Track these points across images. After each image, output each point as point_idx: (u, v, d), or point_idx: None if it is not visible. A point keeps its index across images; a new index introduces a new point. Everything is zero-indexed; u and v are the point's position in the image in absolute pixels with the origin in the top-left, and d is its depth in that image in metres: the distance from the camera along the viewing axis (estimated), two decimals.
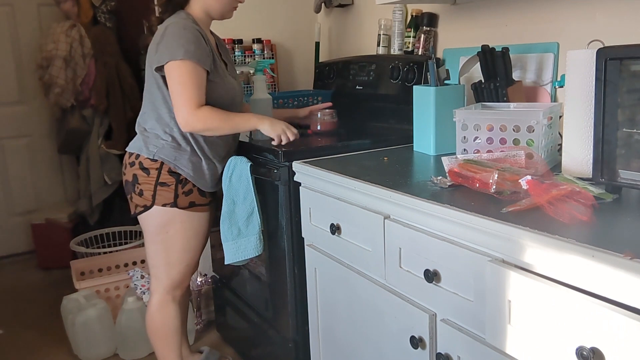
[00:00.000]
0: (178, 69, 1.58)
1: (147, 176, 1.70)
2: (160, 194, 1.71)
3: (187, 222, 1.76)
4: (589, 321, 0.82)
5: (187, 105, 1.59)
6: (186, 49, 1.57)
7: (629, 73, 1.01)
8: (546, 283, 0.89)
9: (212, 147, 1.74)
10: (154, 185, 1.70)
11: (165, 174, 1.70)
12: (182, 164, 1.70)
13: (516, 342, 0.96)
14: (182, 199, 1.73)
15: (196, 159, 1.72)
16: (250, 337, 2.14)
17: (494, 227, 0.98)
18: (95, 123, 3.38)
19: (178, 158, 1.70)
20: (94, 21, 3.37)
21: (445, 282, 1.13)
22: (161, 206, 1.71)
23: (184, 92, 1.58)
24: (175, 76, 1.59)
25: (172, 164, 1.70)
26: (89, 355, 2.32)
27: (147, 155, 1.70)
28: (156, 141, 1.70)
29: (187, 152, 1.70)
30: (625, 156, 1.03)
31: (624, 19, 1.45)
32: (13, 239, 3.60)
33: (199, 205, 1.77)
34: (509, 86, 1.60)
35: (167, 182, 1.70)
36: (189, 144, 1.70)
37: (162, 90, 1.67)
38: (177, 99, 1.60)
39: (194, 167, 1.72)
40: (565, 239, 0.86)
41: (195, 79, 1.59)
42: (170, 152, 1.70)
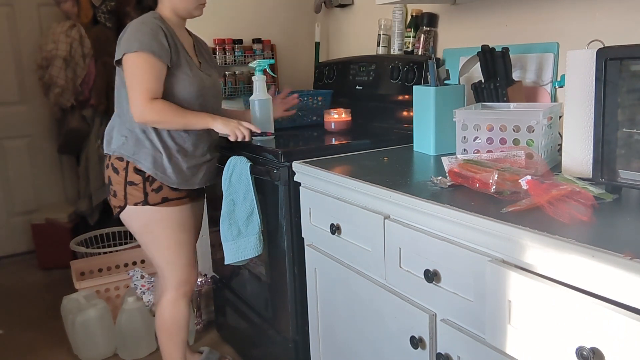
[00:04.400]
0: (132, 61, 1.59)
1: (117, 176, 1.71)
2: (131, 194, 1.71)
3: (167, 218, 1.75)
4: (589, 321, 0.82)
5: (140, 97, 1.59)
6: (141, 42, 1.59)
7: (629, 73, 1.01)
8: (546, 283, 0.89)
9: (176, 141, 1.72)
10: (124, 185, 1.71)
11: (132, 172, 1.70)
12: (141, 158, 1.69)
13: (516, 342, 0.96)
14: (153, 196, 1.71)
15: (156, 154, 1.70)
16: (250, 337, 2.14)
17: (494, 227, 0.98)
18: (95, 123, 3.38)
19: (137, 153, 1.69)
20: (94, 21, 3.37)
21: (445, 282, 1.13)
22: (134, 205, 1.71)
23: (138, 84, 1.59)
24: (130, 68, 1.60)
25: (131, 159, 1.69)
26: (89, 355, 2.32)
27: (109, 151, 1.72)
28: (118, 138, 1.72)
29: (146, 147, 1.69)
30: (625, 156, 1.03)
31: (624, 19, 1.45)
32: (13, 239, 3.60)
33: (174, 199, 1.75)
34: (509, 86, 1.60)
35: (134, 181, 1.70)
36: (148, 138, 1.69)
37: (124, 86, 1.67)
38: (131, 90, 1.61)
39: (154, 162, 1.69)
40: (565, 239, 0.86)
41: (151, 71, 1.60)
42: (130, 148, 1.69)
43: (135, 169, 1.69)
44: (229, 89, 2.47)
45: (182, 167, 1.74)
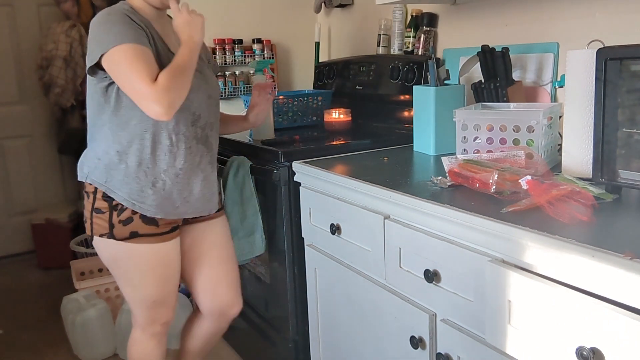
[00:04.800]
0: (113, 58, 1.31)
1: (87, 200, 1.48)
2: (96, 223, 1.45)
3: (135, 256, 1.47)
4: (589, 321, 0.82)
5: (143, 85, 1.28)
6: (114, 34, 1.31)
7: (629, 73, 1.01)
8: (546, 283, 0.89)
9: (160, 157, 1.43)
10: (90, 212, 1.46)
11: (99, 198, 1.44)
12: (114, 185, 1.42)
13: (516, 342, 0.96)
14: (120, 229, 1.43)
15: (133, 178, 1.42)
16: (250, 337, 2.14)
17: (494, 227, 0.98)
18: None
19: (109, 179, 1.42)
20: None
21: (445, 282, 1.13)
22: (99, 237, 1.46)
23: (134, 75, 1.29)
24: (115, 66, 1.32)
25: (103, 187, 1.43)
26: (89, 355, 2.32)
27: (81, 177, 1.49)
28: (90, 160, 1.48)
29: (120, 170, 1.42)
30: (625, 156, 1.03)
31: (624, 19, 1.45)
32: (13, 239, 3.60)
33: (145, 235, 1.45)
34: (509, 86, 1.60)
35: (101, 209, 1.44)
36: (124, 161, 1.42)
37: (96, 95, 1.42)
38: (130, 86, 1.31)
39: (129, 188, 1.42)
40: (565, 239, 0.86)
41: (140, 57, 1.31)
42: (101, 173, 1.43)
43: (104, 194, 1.44)
44: (229, 89, 2.47)
45: (171, 190, 1.45)
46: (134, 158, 1.41)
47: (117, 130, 1.41)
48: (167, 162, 1.43)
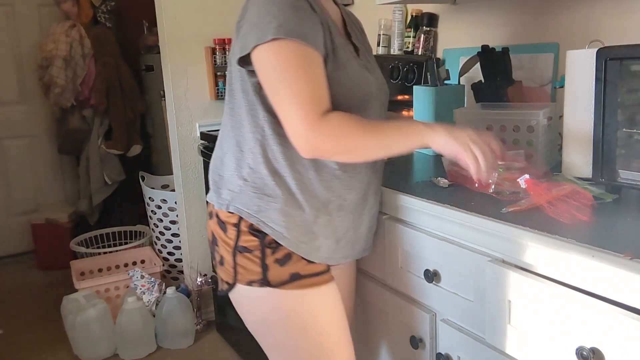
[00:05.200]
0: (273, 56, 0.97)
1: (225, 234, 1.09)
2: (242, 266, 1.07)
3: (298, 306, 1.08)
4: (589, 321, 0.82)
5: (302, 114, 0.95)
6: (280, 22, 0.95)
7: (629, 73, 1.01)
8: (546, 283, 0.89)
9: (330, 186, 1.07)
10: (233, 251, 1.08)
11: (245, 232, 1.07)
12: (269, 218, 1.05)
13: (516, 342, 0.96)
14: (276, 270, 1.06)
15: (296, 210, 1.06)
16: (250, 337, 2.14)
17: (494, 227, 0.98)
18: (95, 123, 3.38)
19: (263, 208, 1.05)
20: (94, 21, 3.38)
21: (445, 282, 1.13)
22: (246, 285, 1.08)
23: (292, 93, 0.95)
24: (271, 68, 0.98)
25: (253, 218, 1.06)
26: (89, 355, 2.32)
27: (219, 205, 1.10)
28: (232, 182, 1.09)
29: (278, 199, 1.05)
30: (625, 156, 1.03)
31: (624, 19, 1.45)
32: (13, 239, 3.60)
33: (310, 276, 1.08)
34: (509, 86, 1.60)
35: (248, 247, 1.07)
36: (283, 185, 1.05)
37: (247, 96, 1.05)
38: (283, 106, 0.98)
39: (288, 222, 1.06)
40: (565, 239, 0.86)
41: (307, 67, 0.96)
42: (251, 199, 1.06)
43: (252, 227, 1.07)
44: None
45: (343, 226, 1.11)
46: (293, 180, 1.06)
47: (273, 142, 1.04)
48: (334, 187, 1.07)
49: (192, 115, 2.43)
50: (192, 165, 2.47)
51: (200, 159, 2.40)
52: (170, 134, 2.47)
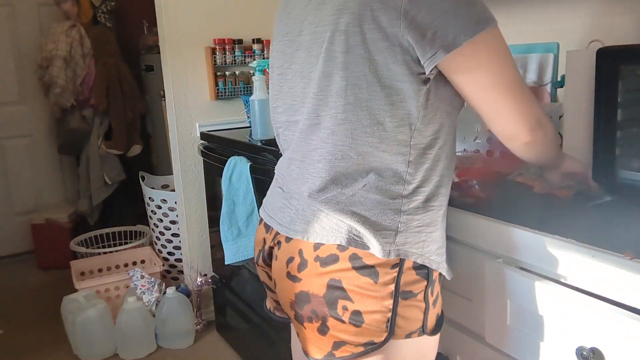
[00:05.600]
0: (491, 49, 0.84)
1: (375, 283, 0.88)
2: (404, 317, 0.90)
3: (429, 354, 0.99)
4: (589, 321, 0.82)
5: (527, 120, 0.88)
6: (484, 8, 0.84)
7: (629, 73, 1.01)
8: (546, 283, 0.89)
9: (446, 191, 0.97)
10: (394, 298, 0.89)
11: (410, 273, 0.90)
12: (431, 250, 0.92)
13: (516, 342, 0.96)
14: (432, 314, 0.94)
15: (442, 231, 0.96)
16: (250, 337, 2.14)
17: (494, 227, 0.98)
18: (95, 123, 3.38)
19: (427, 242, 0.92)
20: (94, 21, 3.38)
21: (445, 282, 1.13)
22: (404, 339, 0.91)
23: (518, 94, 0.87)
24: (489, 64, 0.85)
25: (422, 258, 0.91)
26: (89, 355, 2.32)
27: (379, 251, 0.87)
28: (389, 216, 0.89)
29: (436, 225, 0.93)
30: (625, 156, 1.03)
31: (624, 19, 1.45)
32: (13, 239, 3.60)
33: (443, 317, 1.01)
34: None
35: (413, 290, 0.91)
36: (435, 208, 0.93)
37: (412, 98, 0.86)
38: (506, 107, 0.87)
39: (441, 248, 0.95)
40: (565, 239, 0.86)
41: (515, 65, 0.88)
42: (416, 235, 0.90)
43: (416, 263, 0.91)
44: (229, 89, 2.47)
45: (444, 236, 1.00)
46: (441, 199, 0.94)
47: (423, 159, 0.90)
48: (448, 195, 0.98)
49: (192, 115, 2.43)
50: (192, 165, 2.47)
51: (200, 159, 2.40)
52: (170, 134, 2.47)
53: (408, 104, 0.86)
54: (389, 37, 0.83)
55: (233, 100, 2.50)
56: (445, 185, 0.94)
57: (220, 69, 2.46)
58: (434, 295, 0.94)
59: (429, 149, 0.89)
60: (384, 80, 0.85)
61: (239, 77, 2.53)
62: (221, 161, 1.89)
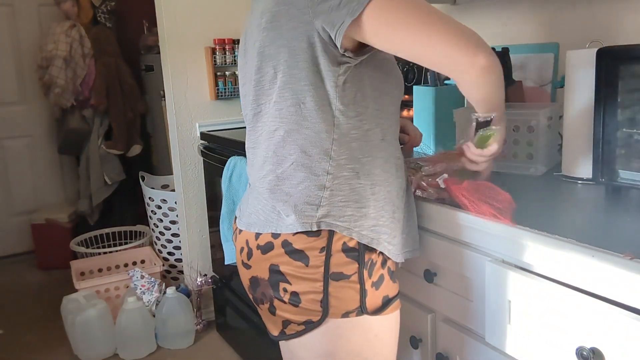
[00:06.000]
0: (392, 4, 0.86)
1: (306, 267, 0.94)
2: (337, 297, 0.95)
3: (381, 334, 1.01)
4: (589, 321, 0.82)
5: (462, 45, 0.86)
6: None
7: (629, 73, 1.01)
8: (546, 283, 0.89)
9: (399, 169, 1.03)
10: (323, 280, 0.94)
11: (339, 255, 0.94)
12: (363, 226, 0.96)
13: (516, 342, 0.96)
14: (373, 295, 0.98)
15: (383, 210, 0.98)
16: (250, 337, 2.14)
17: (493, 227, 0.98)
18: (95, 123, 3.38)
19: (357, 217, 0.95)
20: (94, 21, 3.38)
21: (445, 282, 1.13)
22: (340, 318, 0.96)
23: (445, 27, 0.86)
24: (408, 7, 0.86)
25: (351, 232, 0.95)
26: (89, 355, 2.32)
27: (301, 225, 0.93)
28: (308, 196, 0.94)
29: (368, 201, 0.96)
30: (625, 156, 1.03)
31: (624, 19, 1.45)
32: (13, 239, 3.60)
33: (395, 298, 1.03)
34: (509, 86, 1.60)
35: (344, 272, 0.95)
36: (369, 184, 0.96)
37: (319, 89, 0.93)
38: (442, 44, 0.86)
39: (379, 227, 0.97)
40: (565, 239, 0.86)
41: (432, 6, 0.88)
42: (341, 210, 0.94)
43: (346, 246, 0.95)
44: (229, 89, 2.47)
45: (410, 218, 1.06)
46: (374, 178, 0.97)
47: (351, 138, 0.95)
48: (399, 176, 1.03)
49: (192, 115, 2.43)
50: (192, 165, 2.47)
51: (200, 159, 2.40)
52: (170, 134, 2.47)
53: (326, 84, 0.93)
54: (304, 23, 0.90)
55: (233, 100, 2.50)
56: (380, 166, 0.98)
57: (220, 69, 2.46)
58: (373, 278, 0.97)
59: (355, 129, 0.95)
60: (302, 62, 0.92)
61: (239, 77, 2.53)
62: (221, 161, 1.89)
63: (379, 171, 0.97)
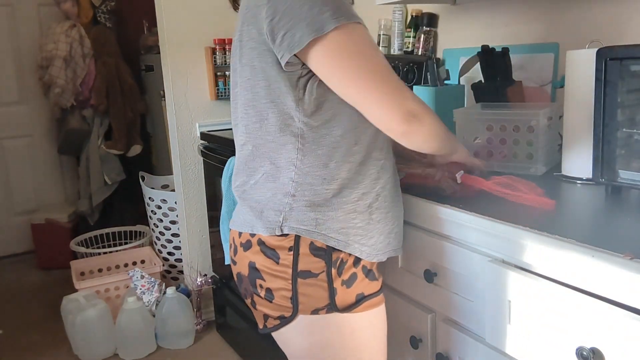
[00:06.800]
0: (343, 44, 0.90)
1: (276, 263, 1.00)
2: (305, 294, 1.00)
3: (359, 331, 1.04)
4: (589, 321, 0.82)
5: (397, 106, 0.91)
6: (335, 9, 0.89)
7: (629, 73, 1.01)
8: (546, 283, 0.89)
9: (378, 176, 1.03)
10: (292, 278, 0.99)
11: (306, 254, 0.99)
12: (330, 229, 0.99)
13: (516, 342, 0.96)
14: (344, 293, 1.01)
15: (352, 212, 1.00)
16: (250, 337, 2.14)
17: (493, 227, 0.98)
18: (95, 123, 3.38)
19: (321, 221, 0.98)
20: (94, 21, 3.38)
21: (445, 282, 1.13)
22: (310, 314, 1.01)
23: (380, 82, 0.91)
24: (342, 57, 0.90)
25: (315, 234, 0.98)
26: (89, 355, 2.32)
27: (265, 230, 1.00)
28: (276, 202, 0.99)
29: (334, 205, 0.99)
30: (625, 156, 1.03)
31: (624, 19, 1.45)
32: (13, 239, 3.60)
33: (372, 296, 1.05)
34: (509, 86, 1.60)
35: (312, 270, 0.99)
36: (336, 189, 0.98)
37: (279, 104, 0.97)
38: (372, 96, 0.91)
39: (348, 228, 1.00)
40: (565, 239, 0.86)
41: (379, 52, 0.93)
42: (305, 214, 0.98)
43: (313, 245, 0.99)
44: (229, 89, 2.47)
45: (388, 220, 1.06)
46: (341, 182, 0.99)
47: (317, 146, 0.97)
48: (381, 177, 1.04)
49: (192, 115, 2.43)
50: (192, 165, 2.47)
51: (200, 159, 2.40)
52: (170, 134, 2.47)
53: (286, 99, 0.96)
54: (261, 44, 0.95)
55: None
56: (353, 169, 0.99)
57: (220, 69, 2.46)
58: (343, 276, 1.01)
59: (322, 137, 0.97)
60: (262, 81, 0.97)
61: None
62: (221, 161, 1.89)
63: (351, 175, 0.99)
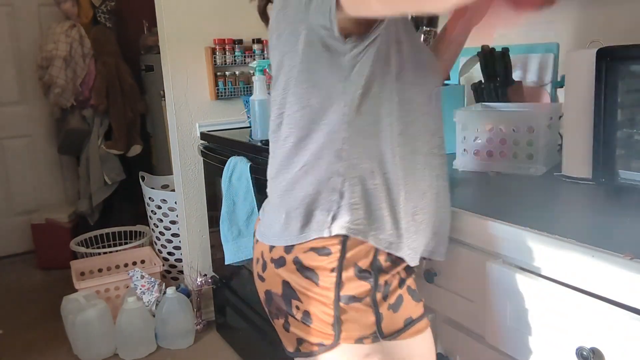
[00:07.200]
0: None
1: (316, 286, 0.88)
2: (350, 321, 0.87)
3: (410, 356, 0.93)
4: (589, 321, 0.82)
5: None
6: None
7: (629, 73, 1.01)
8: (546, 283, 0.89)
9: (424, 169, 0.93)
10: (334, 304, 0.87)
11: (350, 274, 0.87)
12: (381, 228, 0.88)
13: (516, 342, 0.96)
14: (390, 318, 0.90)
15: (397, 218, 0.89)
16: (250, 337, 2.14)
17: (494, 227, 0.98)
18: (95, 123, 3.38)
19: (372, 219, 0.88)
20: (94, 21, 3.38)
21: (446, 283, 1.13)
22: (354, 343, 0.88)
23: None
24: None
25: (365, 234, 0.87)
26: (89, 355, 2.32)
27: (312, 232, 0.88)
28: (322, 195, 0.88)
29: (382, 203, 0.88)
30: (625, 156, 1.03)
31: (624, 19, 1.45)
32: (13, 239, 3.60)
33: (419, 319, 0.94)
34: (509, 86, 1.60)
35: (357, 295, 0.87)
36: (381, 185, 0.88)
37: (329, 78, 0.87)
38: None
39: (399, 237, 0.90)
40: (565, 239, 0.86)
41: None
42: (353, 211, 0.86)
43: (358, 267, 0.87)
44: (229, 89, 2.47)
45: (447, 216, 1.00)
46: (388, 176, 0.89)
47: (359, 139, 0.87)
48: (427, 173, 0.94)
49: (192, 115, 2.43)
50: (192, 165, 2.47)
51: (200, 159, 2.40)
52: (170, 134, 2.47)
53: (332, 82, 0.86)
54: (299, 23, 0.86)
55: (233, 100, 2.50)
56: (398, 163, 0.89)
57: (220, 69, 2.46)
58: (389, 300, 0.89)
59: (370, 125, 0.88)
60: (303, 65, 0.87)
61: (239, 77, 2.53)
62: (221, 161, 1.89)
63: (396, 169, 0.88)
